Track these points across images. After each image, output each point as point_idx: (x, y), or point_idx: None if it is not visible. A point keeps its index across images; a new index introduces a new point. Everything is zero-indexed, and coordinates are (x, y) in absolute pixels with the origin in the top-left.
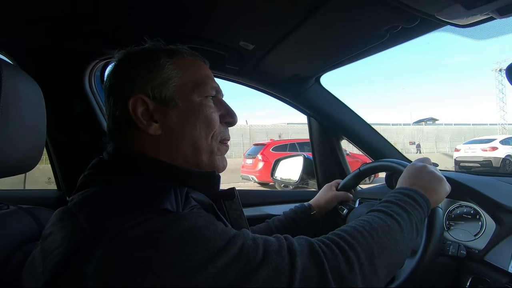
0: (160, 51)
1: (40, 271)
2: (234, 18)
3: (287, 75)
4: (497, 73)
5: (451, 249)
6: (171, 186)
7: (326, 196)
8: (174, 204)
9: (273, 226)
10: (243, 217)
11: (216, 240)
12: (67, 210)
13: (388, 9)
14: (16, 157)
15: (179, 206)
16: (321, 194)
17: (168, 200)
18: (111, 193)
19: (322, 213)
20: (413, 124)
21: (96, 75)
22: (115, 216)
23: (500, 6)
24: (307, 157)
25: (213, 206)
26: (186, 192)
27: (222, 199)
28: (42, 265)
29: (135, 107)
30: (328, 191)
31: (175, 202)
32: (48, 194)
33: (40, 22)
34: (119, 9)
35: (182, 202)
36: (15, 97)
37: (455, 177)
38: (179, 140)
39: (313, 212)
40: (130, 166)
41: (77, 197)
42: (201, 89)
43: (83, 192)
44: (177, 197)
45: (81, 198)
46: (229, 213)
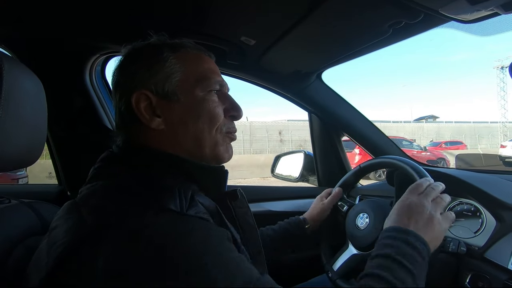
0: (163, 46)
1: (44, 263)
2: (235, 13)
3: (288, 71)
4: (498, 71)
5: (451, 246)
6: (176, 185)
7: (317, 207)
8: (178, 203)
9: (266, 235)
10: (250, 213)
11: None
12: (74, 203)
13: (392, 4)
14: (17, 151)
15: (183, 206)
16: (313, 206)
17: (173, 199)
18: (116, 188)
19: (316, 225)
20: (413, 121)
21: (97, 70)
22: (119, 211)
23: (505, 2)
24: (308, 154)
25: (218, 210)
26: (191, 195)
27: (228, 199)
28: (47, 257)
29: (138, 102)
30: (318, 202)
31: (179, 202)
32: (49, 189)
33: (41, 15)
34: (119, 3)
35: (187, 203)
36: (16, 91)
37: (455, 174)
38: (181, 134)
39: (307, 225)
40: (137, 160)
41: (85, 190)
42: (205, 83)
43: (90, 186)
44: (181, 196)
45: (87, 191)
46: (235, 210)
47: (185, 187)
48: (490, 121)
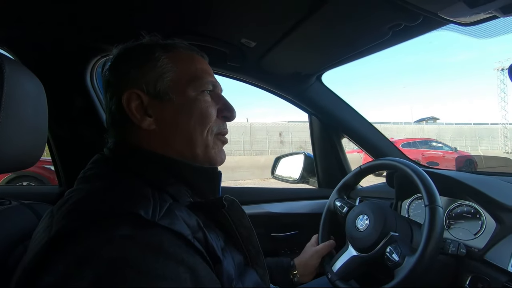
0: (155, 46)
1: (22, 267)
2: (235, 15)
3: (288, 72)
4: (498, 72)
5: (451, 248)
6: (154, 192)
7: (308, 253)
8: (150, 212)
9: None
10: (245, 215)
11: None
12: (51, 210)
13: (391, 7)
14: (18, 153)
15: (156, 215)
16: (304, 251)
17: (145, 206)
18: (90, 194)
19: (306, 271)
20: (414, 123)
21: (98, 72)
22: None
23: (504, 5)
24: (308, 155)
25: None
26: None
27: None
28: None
29: (129, 101)
30: (309, 248)
31: (152, 210)
32: (50, 190)
33: (42, 17)
34: (120, 5)
35: (161, 212)
36: (17, 93)
37: (455, 176)
38: (173, 134)
39: (294, 271)
40: (126, 162)
41: (67, 194)
42: (197, 83)
43: (71, 190)
44: (156, 205)
45: (65, 197)
46: (230, 214)
47: (163, 197)
48: (490, 123)
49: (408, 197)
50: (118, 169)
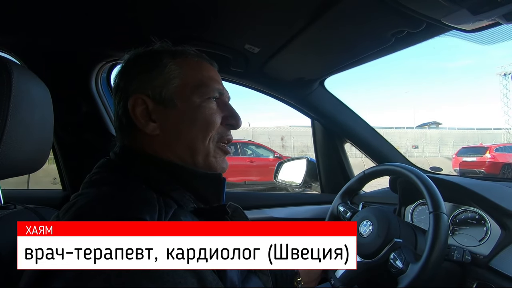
0: (164, 52)
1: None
2: (239, 21)
3: (291, 78)
4: (501, 77)
5: (456, 254)
6: (159, 197)
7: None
8: (156, 217)
9: None
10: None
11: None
12: (57, 214)
13: (394, 13)
14: (24, 157)
15: (161, 220)
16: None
17: (149, 212)
18: (97, 199)
19: (310, 277)
20: (416, 127)
21: (103, 77)
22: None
23: (507, 12)
24: (311, 160)
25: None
26: (174, 212)
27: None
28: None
29: (134, 106)
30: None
31: (158, 216)
32: (54, 194)
33: (48, 24)
34: (124, 11)
35: (167, 217)
36: (24, 98)
37: (459, 182)
38: (175, 140)
39: (298, 278)
40: (131, 167)
41: (72, 198)
42: (203, 90)
43: (76, 194)
44: (161, 210)
45: (71, 201)
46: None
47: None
48: (493, 128)
49: (412, 202)
50: (123, 174)
